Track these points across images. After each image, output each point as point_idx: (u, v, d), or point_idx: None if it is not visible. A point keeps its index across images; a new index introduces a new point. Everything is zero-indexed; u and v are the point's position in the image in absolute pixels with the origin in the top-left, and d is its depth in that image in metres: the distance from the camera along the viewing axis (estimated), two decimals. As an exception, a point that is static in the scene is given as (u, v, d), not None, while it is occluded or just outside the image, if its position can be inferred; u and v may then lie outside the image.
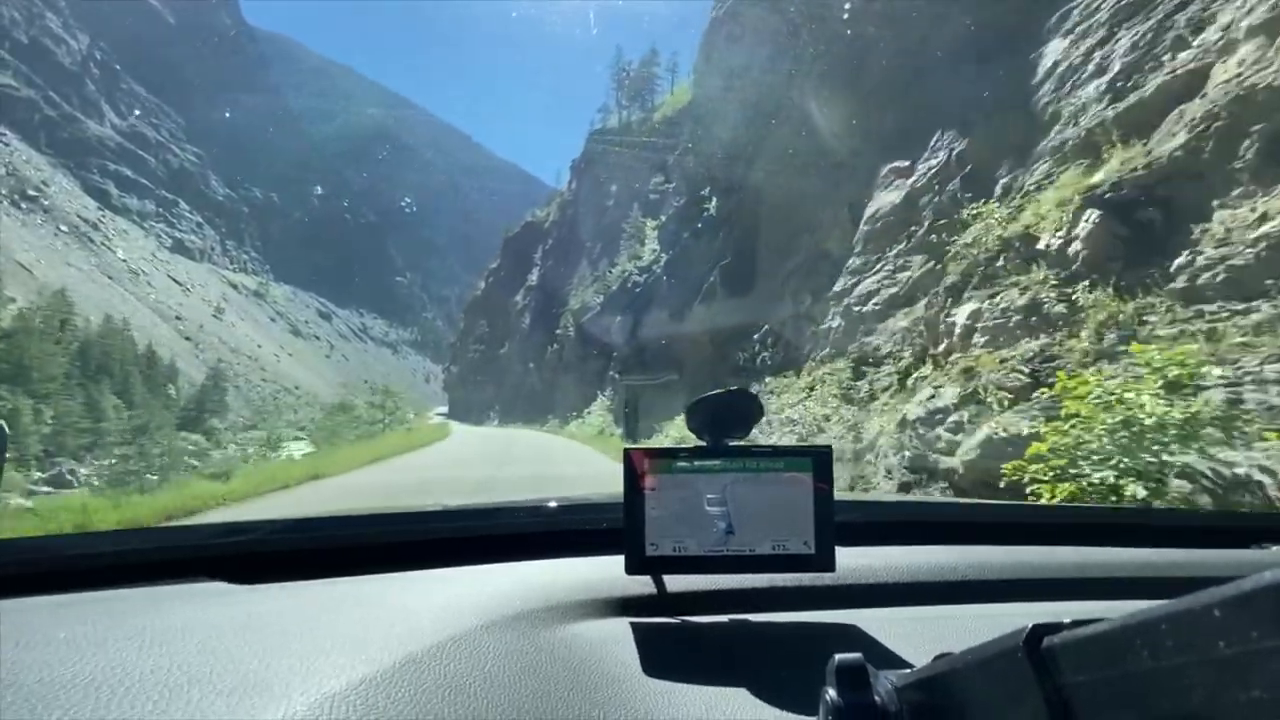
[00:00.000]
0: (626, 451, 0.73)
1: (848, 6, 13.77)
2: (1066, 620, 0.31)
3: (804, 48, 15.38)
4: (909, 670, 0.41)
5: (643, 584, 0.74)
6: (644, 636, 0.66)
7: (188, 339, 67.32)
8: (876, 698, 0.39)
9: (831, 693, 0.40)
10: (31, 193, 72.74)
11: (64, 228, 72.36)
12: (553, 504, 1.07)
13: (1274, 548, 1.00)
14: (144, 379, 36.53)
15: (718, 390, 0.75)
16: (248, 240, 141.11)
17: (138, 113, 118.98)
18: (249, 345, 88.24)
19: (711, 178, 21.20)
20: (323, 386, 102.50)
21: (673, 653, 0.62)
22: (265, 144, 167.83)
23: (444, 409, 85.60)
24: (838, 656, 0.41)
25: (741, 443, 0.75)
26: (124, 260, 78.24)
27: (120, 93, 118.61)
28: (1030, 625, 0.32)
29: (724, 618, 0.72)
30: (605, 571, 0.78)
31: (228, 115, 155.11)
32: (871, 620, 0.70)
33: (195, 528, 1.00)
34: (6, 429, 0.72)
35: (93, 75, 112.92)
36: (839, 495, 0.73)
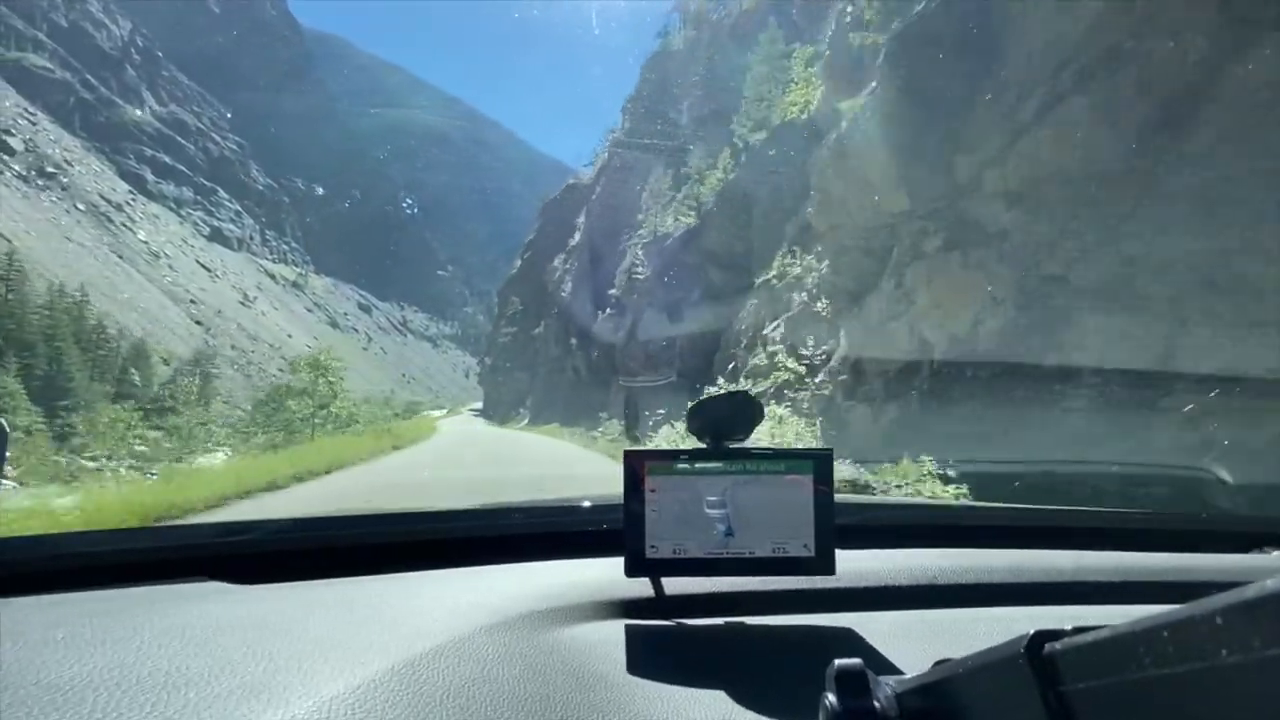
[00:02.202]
0: (627, 453, 0.73)
1: None
2: (1068, 626, 0.31)
3: None
4: (909, 675, 0.41)
5: (643, 586, 0.74)
6: (642, 640, 0.65)
7: (199, 323, 61.52)
8: (876, 703, 0.39)
9: (831, 698, 0.40)
10: (50, 170, 68.67)
11: (81, 206, 67.93)
12: (553, 505, 1.10)
13: (1276, 552, 0.98)
14: (91, 361, 29.13)
15: (718, 392, 0.73)
16: (288, 231, 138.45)
17: (166, 102, 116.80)
18: (275, 334, 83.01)
19: None
20: (355, 378, 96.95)
21: (671, 656, 0.62)
22: (309, 136, 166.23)
23: (478, 405, 78.36)
24: (837, 662, 0.41)
25: (742, 445, 0.74)
26: (144, 242, 73.57)
27: (161, 80, 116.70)
28: (1031, 631, 0.31)
29: (722, 621, 0.71)
30: (605, 573, 0.77)
31: (270, 106, 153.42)
32: (871, 624, 0.70)
33: (195, 527, 1.02)
34: (7, 427, 0.72)
35: (133, 61, 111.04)
36: (839, 497, 0.73)
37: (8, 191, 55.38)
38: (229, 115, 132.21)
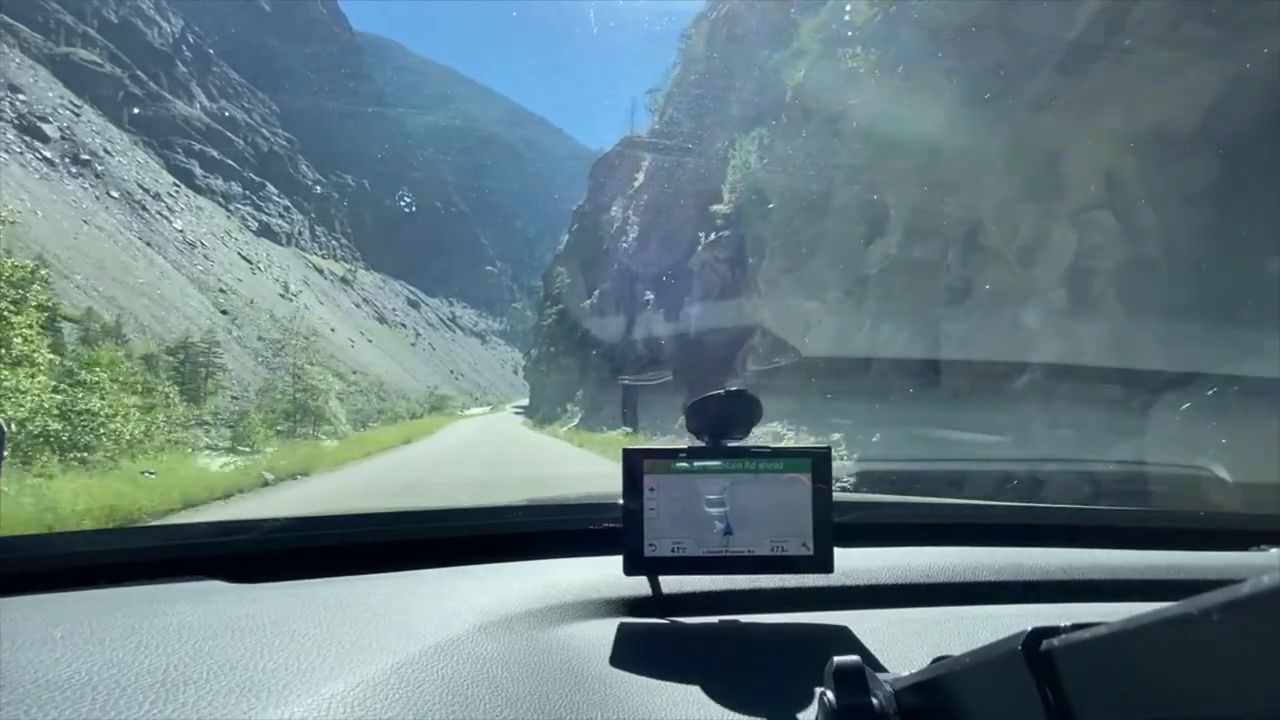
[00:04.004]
0: (625, 451, 0.72)
1: None
2: (1065, 624, 0.30)
3: None
4: (907, 673, 0.41)
5: (641, 585, 0.74)
6: (639, 638, 0.65)
7: (225, 312, 56.88)
8: (874, 700, 0.39)
9: (829, 695, 0.39)
10: (85, 157, 66.02)
11: (114, 193, 64.95)
12: (551, 504, 1.11)
13: (1272, 550, 0.99)
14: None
15: (717, 391, 0.74)
16: (338, 227, 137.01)
17: (216, 98, 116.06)
18: (315, 327, 78.84)
19: None
20: (397, 373, 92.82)
21: (668, 655, 0.62)
22: (359, 134, 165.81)
23: (524, 401, 71.80)
24: (836, 659, 0.40)
25: (741, 444, 0.74)
26: (180, 231, 70.31)
27: (212, 76, 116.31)
28: (1029, 629, 0.31)
29: (719, 619, 0.72)
30: (604, 572, 0.77)
31: (321, 104, 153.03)
32: (870, 621, 0.70)
33: (194, 526, 1.00)
34: (6, 429, 0.71)
35: (184, 57, 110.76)
36: (837, 496, 0.73)
37: (22, 172, 52.05)
38: (278, 111, 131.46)
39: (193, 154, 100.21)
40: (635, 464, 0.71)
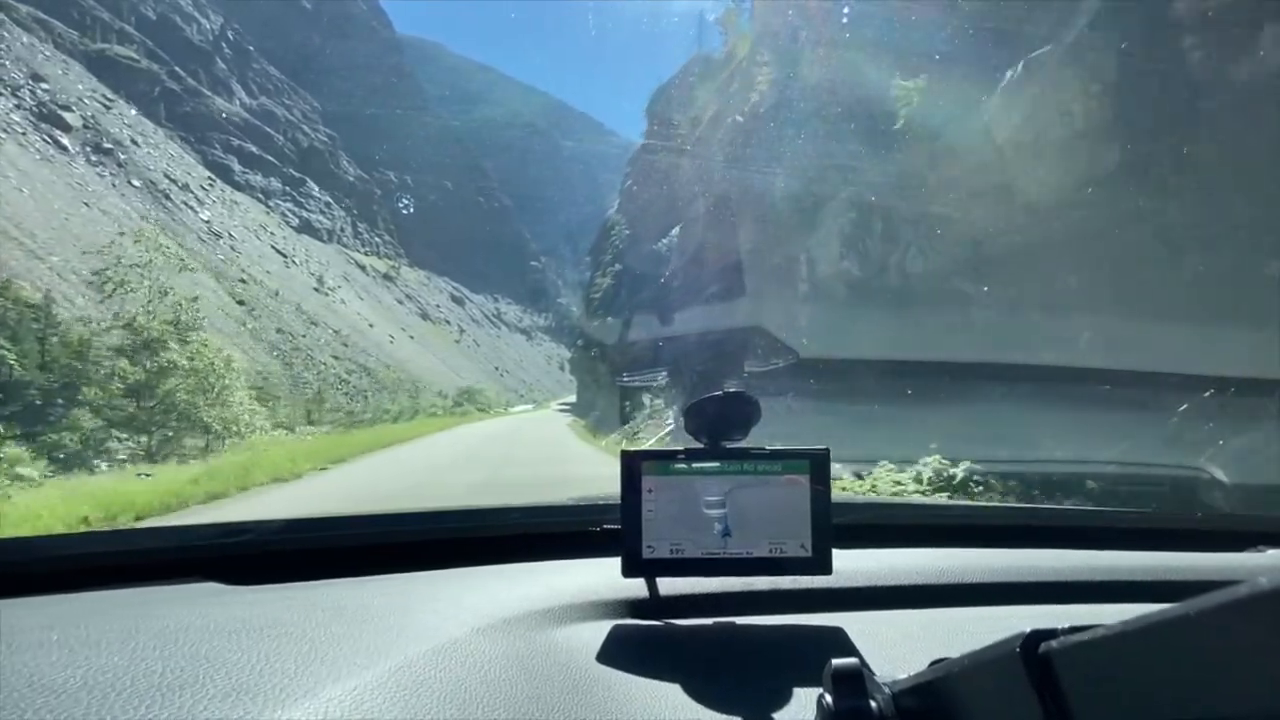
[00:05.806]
0: (624, 453, 0.72)
1: None
2: (1063, 625, 0.30)
3: None
4: (905, 675, 0.40)
5: (639, 587, 0.74)
6: (636, 640, 0.65)
7: (241, 303, 51.50)
8: (872, 702, 0.39)
9: (827, 697, 0.39)
10: (108, 146, 62.36)
11: (136, 182, 60.97)
12: (550, 506, 1.12)
13: (1270, 551, 0.99)
14: None
15: (715, 392, 0.73)
16: (380, 224, 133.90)
17: (256, 94, 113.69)
18: (350, 323, 73.74)
19: None
20: (440, 370, 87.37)
21: (665, 657, 0.62)
22: (401, 132, 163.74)
23: (571, 398, 64.13)
24: (834, 661, 0.40)
25: (740, 445, 0.73)
26: (206, 221, 66.02)
27: (252, 73, 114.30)
28: (1027, 631, 0.31)
29: (716, 620, 0.71)
30: (602, 574, 0.77)
31: (362, 102, 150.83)
32: (868, 623, 0.70)
33: (192, 528, 0.99)
34: None
35: (224, 54, 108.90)
36: (836, 497, 0.73)
37: (18, 151, 47.95)
38: (319, 108, 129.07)
39: (231, 149, 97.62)
40: (633, 466, 0.70)
